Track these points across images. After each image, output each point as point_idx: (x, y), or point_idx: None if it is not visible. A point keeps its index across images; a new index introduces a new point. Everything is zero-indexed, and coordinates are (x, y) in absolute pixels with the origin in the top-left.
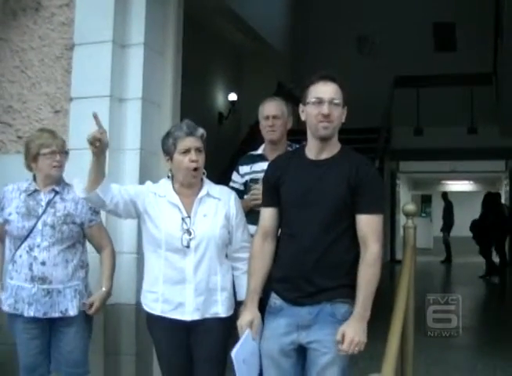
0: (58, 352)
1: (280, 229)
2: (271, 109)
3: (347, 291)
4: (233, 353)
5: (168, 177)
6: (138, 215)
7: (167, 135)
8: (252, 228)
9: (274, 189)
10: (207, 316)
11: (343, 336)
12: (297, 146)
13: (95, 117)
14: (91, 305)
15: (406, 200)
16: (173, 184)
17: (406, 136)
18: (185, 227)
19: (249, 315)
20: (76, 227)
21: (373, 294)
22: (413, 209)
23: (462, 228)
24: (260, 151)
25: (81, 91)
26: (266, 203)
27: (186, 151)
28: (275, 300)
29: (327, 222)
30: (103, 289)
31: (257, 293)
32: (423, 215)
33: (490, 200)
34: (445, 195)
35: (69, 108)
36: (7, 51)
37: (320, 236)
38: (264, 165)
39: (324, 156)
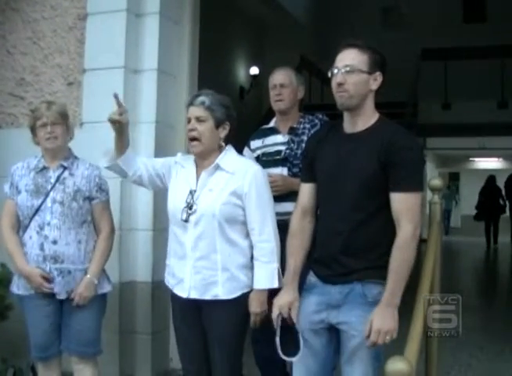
0: (68, 330)
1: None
2: (278, 77)
3: (381, 272)
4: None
5: None
6: (166, 188)
7: None
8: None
9: (311, 164)
10: (207, 297)
11: (370, 327)
12: (310, 117)
13: (116, 97)
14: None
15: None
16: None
17: (434, 111)
18: (188, 201)
19: (288, 296)
20: (86, 204)
21: (404, 280)
22: (440, 184)
23: None
24: (271, 124)
25: (94, 62)
26: (304, 178)
27: (188, 121)
28: (310, 277)
29: (356, 201)
30: (87, 276)
31: (298, 273)
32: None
33: None
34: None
35: (82, 80)
36: (19, 21)
37: (348, 215)
38: (276, 138)
39: (358, 128)
